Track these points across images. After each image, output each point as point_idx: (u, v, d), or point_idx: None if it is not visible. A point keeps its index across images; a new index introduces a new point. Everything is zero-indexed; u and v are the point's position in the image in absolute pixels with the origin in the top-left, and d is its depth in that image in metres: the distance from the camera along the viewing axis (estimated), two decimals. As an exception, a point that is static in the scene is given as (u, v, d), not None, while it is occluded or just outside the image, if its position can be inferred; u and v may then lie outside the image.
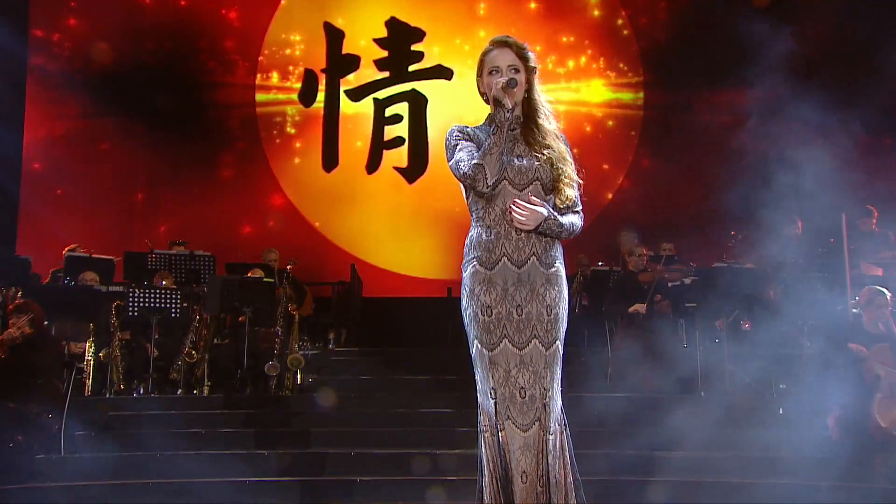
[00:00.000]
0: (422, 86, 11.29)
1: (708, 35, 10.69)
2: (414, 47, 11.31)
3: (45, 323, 5.87)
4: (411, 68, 11.31)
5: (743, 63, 10.43)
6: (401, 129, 11.28)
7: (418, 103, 11.28)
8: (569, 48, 11.26)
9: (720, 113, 10.99)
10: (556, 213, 2.88)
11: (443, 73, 11.25)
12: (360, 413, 6.47)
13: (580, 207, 2.99)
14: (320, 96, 11.31)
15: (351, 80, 11.33)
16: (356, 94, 11.32)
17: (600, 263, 8.59)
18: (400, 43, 11.31)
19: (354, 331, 9.66)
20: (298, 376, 7.16)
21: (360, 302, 10.07)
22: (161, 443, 5.65)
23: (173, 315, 6.99)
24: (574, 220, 2.94)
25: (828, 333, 5.62)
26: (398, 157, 11.23)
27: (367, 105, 11.32)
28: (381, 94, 11.32)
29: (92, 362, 6.58)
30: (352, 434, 6.03)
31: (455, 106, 11.06)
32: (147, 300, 6.87)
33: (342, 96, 11.31)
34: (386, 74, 11.34)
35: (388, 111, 11.31)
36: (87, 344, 6.59)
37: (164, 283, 7.30)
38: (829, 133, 10.33)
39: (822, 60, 9.82)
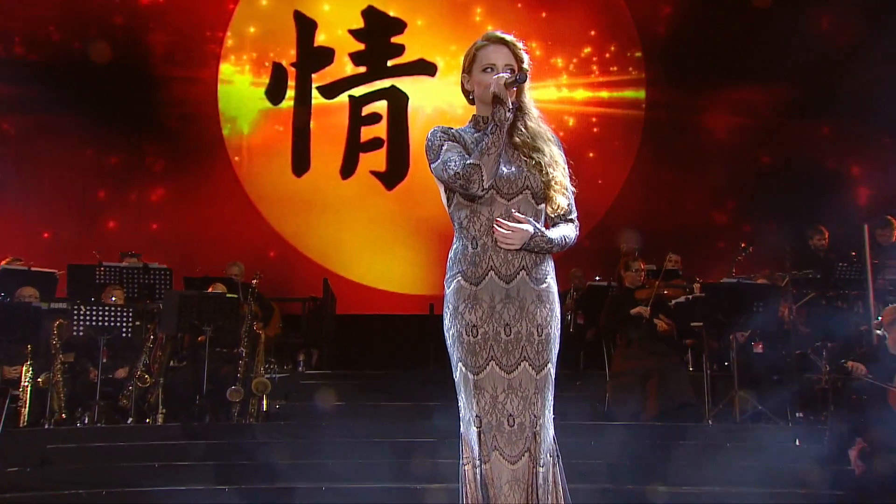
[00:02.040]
0: (402, 82, 11.31)
1: (716, 28, 10.80)
2: (394, 40, 11.33)
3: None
4: (390, 63, 11.33)
5: (754, 60, 10.57)
6: (379, 130, 11.28)
7: (398, 101, 11.29)
8: (563, 42, 11.31)
9: (729, 113, 11.08)
10: (543, 230, 2.87)
11: (425, 68, 11.27)
12: (332, 443, 6.42)
13: (574, 216, 2.99)
14: (290, 93, 11.30)
15: (324, 76, 11.32)
16: (330, 91, 11.32)
17: (597, 278, 8.61)
18: (378, 35, 11.33)
19: (327, 352, 9.63)
20: (264, 402, 7.10)
21: (333, 320, 10.03)
22: (108, 479, 5.58)
23: (124, 335, 6.92)
24: (566, 231, 2.94)
25: None
26: (376, 160, 11.23)
27: (341, 103, 11.32)
28: (358, 91, 11.32)
29: (29, 388, 6.49)
30: (323, 466, 5.99)
31: (438, 104, 11.09)
32: (94, 318, 6.79)
33: (314, 93, 11.31)
34: (362, 69, 11.35)
35: (365, 110, 11.31)
36: (24, 368, 6.50)
37: (113, 299, 7.22)
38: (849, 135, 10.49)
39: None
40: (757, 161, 10.92)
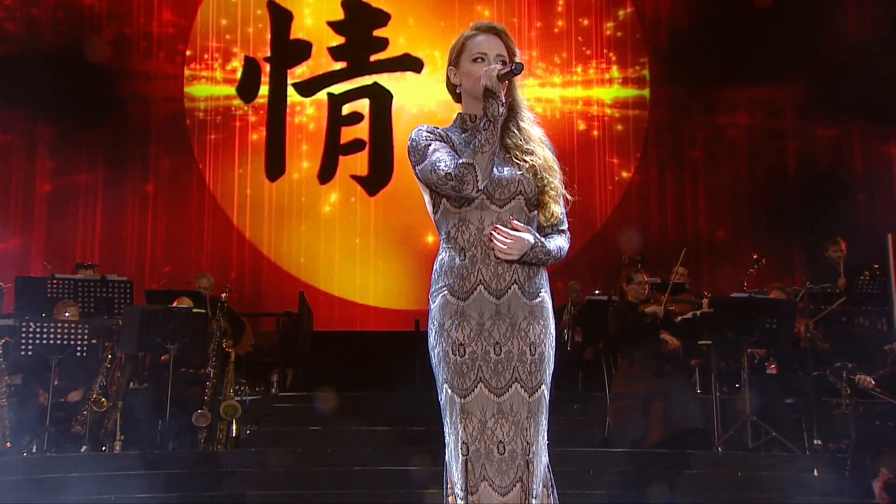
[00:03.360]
0: (385, 79, 11.32)
1: (724, 25, 10.86)
2: (376, 33, 11.36)
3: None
4: (373, 58, 11.35)
5: (766, 57, 10.64)
6: (360, 131, 11.29)
7: (381, 100, 11.31)
8: (560, 37, 11.34)
9: (739, 114, 11.14)
10: (542, 240, 2.86)
11: (411, 64, 11.30)
12: (308, 472, 6.40)
13: (566, 227, 2.98)
14: (263, 90, 11.30)
15: (300, 72, 11.32)
16: (307, 89, 11.33)
17: (597, 291, 8.61)
18: (359, 27, 11.35)
19: (303, 372, 9.59)
20: (234, 427, 7.09)
21: (309, 337, 10.01)
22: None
23: (78, 354, 6.87)
24: (561, 243, 2.93)
25: None
26: (357, 163, 11.23)
27: (319, 101, 11.32)
28: (337, 88, 11.33)
29: (-30, 415, 6.45)
30: (298, 498, 5.97)
31: (425, 103, 11.10)
32: (45, 336, 6.73)
33: (290, 90, 11.31)
34: (343, 65, 11.36)
35: (345, 109, 11.33)
36: (-35, 392, 6.47)
37: (67, 314, 7.18)
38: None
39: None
40: (770, 165, 10.97)
